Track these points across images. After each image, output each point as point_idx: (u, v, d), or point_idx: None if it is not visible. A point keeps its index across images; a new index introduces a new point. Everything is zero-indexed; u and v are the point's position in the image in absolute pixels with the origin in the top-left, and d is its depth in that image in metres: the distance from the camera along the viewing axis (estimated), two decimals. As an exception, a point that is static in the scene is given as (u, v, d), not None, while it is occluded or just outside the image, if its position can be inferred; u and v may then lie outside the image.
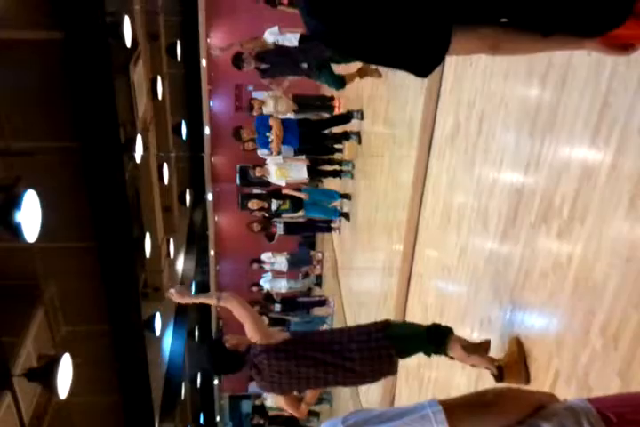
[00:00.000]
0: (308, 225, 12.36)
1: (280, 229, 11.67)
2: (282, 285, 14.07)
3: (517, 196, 3.91)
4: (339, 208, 11.30)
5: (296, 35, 9.72)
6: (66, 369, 5.92)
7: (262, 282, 14.15)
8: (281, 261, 13.96)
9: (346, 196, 10.95)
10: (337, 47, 1.43)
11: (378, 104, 8.67)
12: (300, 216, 11.47)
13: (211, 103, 17.10)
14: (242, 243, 16.84)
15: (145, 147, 9.19)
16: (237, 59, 8.46)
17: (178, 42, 12.89)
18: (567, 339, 3.20)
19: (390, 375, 4.13)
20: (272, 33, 9.82)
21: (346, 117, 9.79)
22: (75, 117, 6.12)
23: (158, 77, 10.66)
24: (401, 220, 6.97)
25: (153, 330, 9.91)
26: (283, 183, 10.45)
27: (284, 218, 11.61)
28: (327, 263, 14.63)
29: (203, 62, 15.88)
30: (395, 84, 7.74)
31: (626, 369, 2.67)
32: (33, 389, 6.12)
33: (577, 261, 3.14)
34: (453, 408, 1.47)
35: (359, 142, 9.84)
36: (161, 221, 11.45)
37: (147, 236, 10.22)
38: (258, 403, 15.91)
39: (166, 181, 11.75)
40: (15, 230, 4.81)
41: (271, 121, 9.35)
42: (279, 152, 9.62)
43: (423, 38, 1.36)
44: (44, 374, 5.81)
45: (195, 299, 4.18)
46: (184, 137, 13.63)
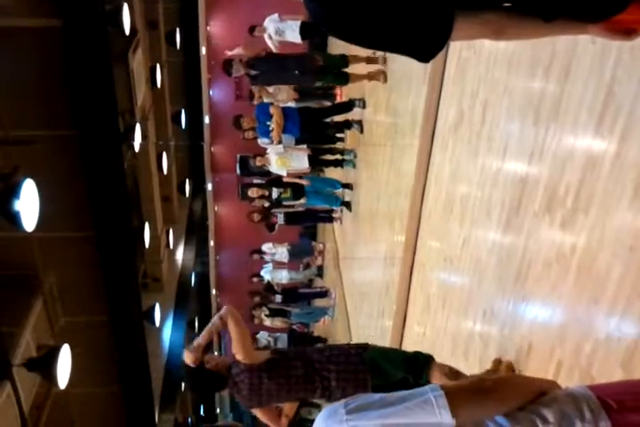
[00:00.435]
0: (309, 215, 12.33)
1: (280, 218, 11.64)
2: (283, 275, 14.06)
3: (521, 185, 3.88)
4: (340, 197, 11.26)
5: (297, 22, 9.66)
6: (65, 359, 5.91)
7: (263, 273, 14.14)
8: (282, 251, 13.95)
9: (347, 185, 10.91)
10: (337, 31, 1.40)
11: (380, 93, 8.62)
12: (301, 205, 11.42)
13: (210, 92, 17.04)
14: (242, 233, 16.82)
15: (144, 136, 9.15)
16: (227, 64, 8.58)
17: (177, 30, 12.83)
18: (570, 329, 3.18)
19: None
20: (272, 20, 9.76)
21: (347, 106, 9.74)
22: (73, 106, 6.08)
23: (157, 66, 10.61)
24: (403, 210, 6.94)
25: (153, 321, 9.91)
26: (284, 173, 10.40)
27: (285, 208, 11.57)
28: (328, 254, 14.62)
29: (202, 50, 15.80)
30: (397, 72, 7.68)
31: (629, 359, 2.65)
32: (32, 379, 6.12)
33: (580, 250, 3.11)
34: (455, 393, 1.47)
35: (361, 131, 9.79)
36: (160, 211, 11.42)
37: (146, 226, 10.19)
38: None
39: (165, 171, 11.71)
40: (14, 219, 4.79)
41: (272, 109, 9.30)
42: (280, 141, 9.57)
43: (425, 23, 1.33)
44: (44, 364, 5.80)
45: (205, 337, 4.17)
46: (183, 126, 13.59)
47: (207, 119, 16.67)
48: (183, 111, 13.36)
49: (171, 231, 12.57)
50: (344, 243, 12.30)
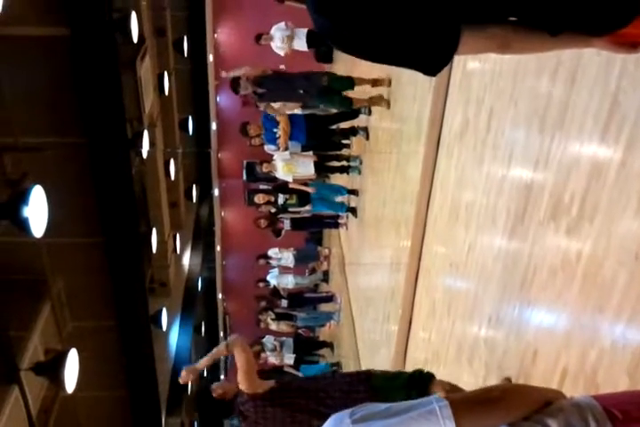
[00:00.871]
0: (316, 221, 12.35)
1: (287, 224, 11.66)
2: (288, 280, 14.07)
3: (526, 193, 3.90)
4: (346, 203, 11.28)
5: (304, 30, 9.72)
6: (73, 364, 5.94)
7: (269, 278, 14.16)
8: (287, 256, 13.96)
9: (353, 191, 10.92)
10: (343, 45, 1.42)
11: (387, 95, 8.66)
12: (307, 211, 11.45)
13: (217, 98, 17.09)
14: (248, 238, 16.84)
15: (151, 142, 9.19)
16: (235, 83, 8.71)
17: (185, 37, 12.89)
18: (575, 336, 3.19)
19: None
20: (279, 29, 9.83)
21: (353, 113, 9.77)
22: (82, 113, 6.12)
23: (165, 73, 10.66)
24: (409, 216, 6.96)
25: (160, 325, 9.94)
26: (290, 179, 10.43)
27: (291, 214, 11.59)
28: (334, 259, 14.63)
29: (210, 57, 15.86)
30: (403, 80, 7.71)
31: (634, 368, 2.66)
32: (40, 383, 6.14)
33: (586, 258, 3.13)
34: (460, 404, 1.47)
35: (367, 138, 9.82)
36: (167, 216, 11.46)
37: (153, 231, 10.23)
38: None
39: (173, 177, 11.76)
40: (23, 225, 4.82)
41: (278, 117, 9.34)
42: (286, 148, 9.61)
43: (432, 37, 1.35)
44: (51, 368, 5.83)
45: (206, 362, 4.25)
46: (191, 132, 13.63)
47: (214, 126, 16.72)
48: (190, 118, 13.41)
49: (178, 236, 12.61)
50: (350, 248, 12.31)
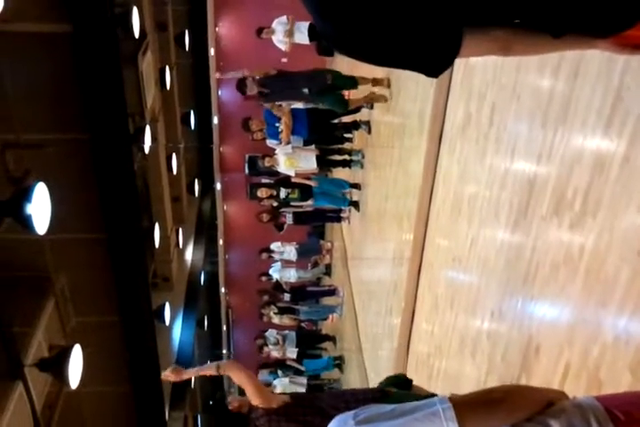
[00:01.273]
0: (318, 215, 12.35)
1: (289, 218, 11.66)
2: (291, 274, 14.09)
3: (529, 187, 3.90)
4: (348, 197, 11.28)
5: (305, 24, 9.68)
6: (77, 360, 5.95)
7: (271, 271, 14.17)
8: (290, 250, 13.97)
9: (355, 185, 10.92)
10: (346, 49, 1.42)
11: (388, 94, 8.65)
12: (309, 205, 11.45)
13: (219, 92, 17.07)
14: (251, 232, 16.86)
15: (153, 137, 9.19)
16: (242, 84, 8.87)
17: (186, 31, 12.86)
18: (578, 332, 3.19)
19: None
20: (280, 22, 9.80)
21: (356, 107, 9.75)
22: (84, 109, 6.12)
23: (167, 67, 10.65)
24: (411, 210, 6.96)
25: (163, 320, 9.96)
26: (292, 173, 10.42)
27: (293, 208, 11.60)
28: (336, 253, 14.64)
29: (211, 51, 15.83)
30: (405, 74, 7.70)
31: (637, 364, 2.66)
32: (44, 379, 6.16)
33: (588, 253, 3.13)
34: (463, 405, 1.47)
35: (369, 132, 9.81)
36: (170, 211, 11.47)
37: (156, 226, 10.24)
38: (268, 391, 15.97)
39: (175, 172, 11.75)
40: (26, 223, 4.83)
41: (280, 111, 9.33)
42: (288, 142, 9.60)
43: (434, 40, 1.35)
44: (55, 364, 5.85)
45: (193, 373, 4.27)
46: (192, 127, 13.62)
47: (216, 120, 16.71)
48: (192, 112, 13.39)
49: (180, 231, 12.61)
50: (352, 242, 12.32)
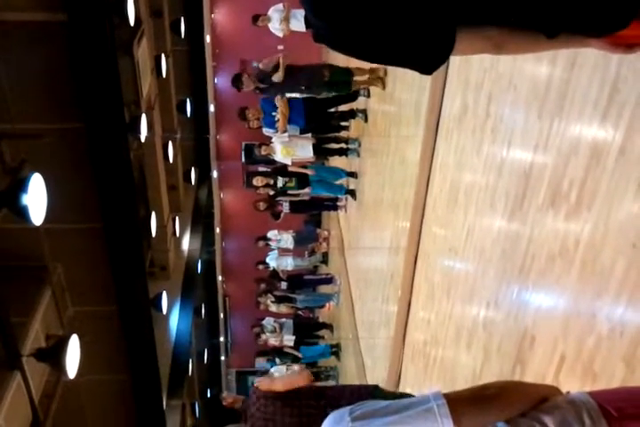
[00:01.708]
0: (315, 203, 12.35)
1: (286, 207, 11.66)
2: (288, 262, 14.10)
3: (525, 178, 3.90)
4: (345, 185, 11.27)
5: (301, 11, 9.63)
6: (74, 349, 5.96)
7: (268, 260, 14.19)
8: (287, 238, 13.97)
9: (352, 174, 10.92)
10: (340, 46, 1.42)
11: (385, 83, 8.63)
12: (306, 194, 11.45)
13: (215, 80, 16.99)
14: (247, 221, 16.86)
15: (149, 126, 9.15)
16: (237, 80, 8.83)
17: (182, 18, 12.76)
18: (573, 323, 3.21)
19: None
20: (276, 10, 9.75)
21: (352, 95, 9.73)
22: (79, 98, 6.09)
23: (162, 55, 10.58)
24: (408, 199, 6.97)
25: (160, 308, 9.97)
26: (288, 162, 10.40)
27: (290, 196, 11.60)
28: (333, 241, 14.66)
29: (207, 39, 15.74)
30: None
31: (631, 356, 2.68)
32: (42, 368, 6.18)
33: (584, 245, 3.14)
34: (457, 402, 1.49)
35: (365, 120, 9.79)
36: (167, 199, 11.45)
37: (152, 215, 10.23)
38: (264, 379, 16.04)
39: (171, 160, 11.72)
40: (22, 213, 4.82)
41: (277, 100, 9.30)
42: (285, 131, 9.58)
43: (428, 38, 1.35)
44: (53, 354, 5.86)
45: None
46: (189, 115, 13.57)
47: (212, 107, 16.65)
48: (188, 100, 13.33)
49: (177, 219, 12.61)
50: (349, 231, 12.33)
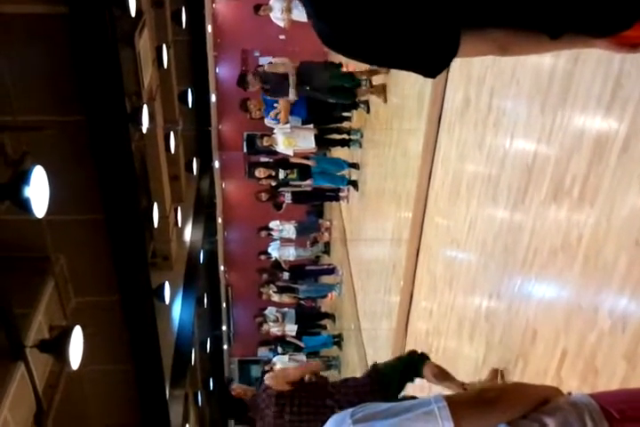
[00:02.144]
0: (317, 194, 12.33)
1: (288, 198, 11.66)
2: (290, 253, 14.11)
3: (527, 172, 3.90)
4: (347, 176, 11.26)
5: None
6: (77, 341, 5.97)
7: (270, 250, 14.19)
8: (289, 228, 13.98)
9: (354, 165, 10.90)
10: (343, 50, 1.41)
11: (387, 74, 8.60)
12: (308, 185, 11.44)
13: (217, 70, 16.93)
14: (249, 211, 16.86)
15: (151, 116, 9.12)
16: (242, 80, 8.93)
17: (183, 8, 12.69)
18: (575, 318, 3.22)
19: None
20: (277, 0, 9.70)
21: (352, 105, 9.72)
22: (81, 90, 6.06)
23: (164, 46, 10.53)
24: (410, 190, 6.96)
25: (162, 298, 9.97)
26: (290, 153, 10.39)
27: (292, 187, 11.59)
28: (335, 232, 14.67)
29: (208, 28, 15.66)
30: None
31: (632, 352, 2.69)
32: (46, 359, 6.19)
33: (587, 240, 3.14)
34: (458, 404, 1.49)
35: (367, 112, 9.76)
36: (168, 190, 11.42)
37: (155, 206, 10.22)
38: (267, 368, 16.12)
39: (173, 150, 11.69)
40: (24, 206, 4.82)
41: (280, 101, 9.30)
42: (286, 122, 9.57)
43: (432, 41, 1.34)
44: (56, 345, 5.87)
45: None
46: (190, 105, 13.52)
47: (214, 97, 16.60)
48: (190, 90, 13.28)
49: (179, 210, 12.58)
50: (350, 221, 12.33)
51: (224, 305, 19.35)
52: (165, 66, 10.55)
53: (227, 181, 18.72)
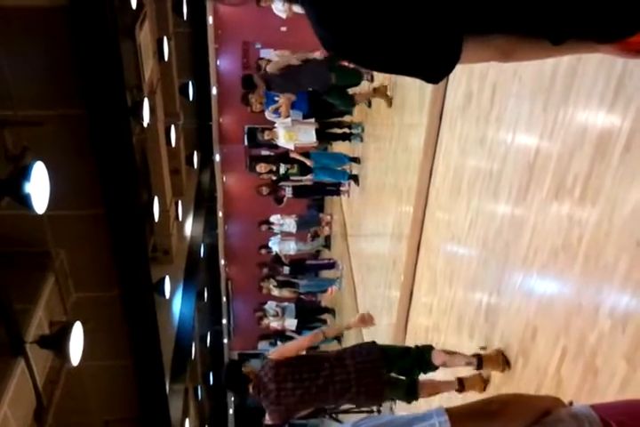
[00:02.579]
0: (317, 188, 12.31)
1: (289, 192, 11.65)
2: (290, 247, 14.11)
3: (529, 170, 3.88)
4: (348, 171, 11.24)
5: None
6: (77, 337, 5.97)
7: (271, 244, 14.19)
8: (289, 222, 13.98)
9: (355, 159, 10.88)
10: (345, 56, 1.40)
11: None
12: (309, 180, 11.42)
13: (218, 62, 16.88)
14: (250, 205, 16.85)
15: (152, 110, 9.10)
16: (249, 81, 9.14)
17: (184, 0, 12.64)
18: (575, 318, 3.20)
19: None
20: (279, -9, 9.64)
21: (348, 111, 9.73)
22: (81, 84, 6.04)
23: (164, 38, 10.49)
24: (411, 185, 6.95)
25: (163, 293, 9.98)
26: (291, 147, 10.36)
27: (293, 182, 11.57)
28: (336, 226, 14.66)
29: (209, 20, 15.60)
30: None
31: (633, 353, 2.68)
32: (46, 355, 6.19)
33: (588, 240, 3.13)
34: (459, 418, 1.49)
35: (369, 106, 9.72)
36: (169, 184, 11.41)
37: (155, 200, 10.21)
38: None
39: (174, 144, 11.67)
40: (25, 202, 4.80)
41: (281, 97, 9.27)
42: (288, 116, 9.53)
43: (434, 48, 1.33)
44: (57, 341, 5.86)
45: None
46: (191, 98, 13.49)
47: (214, 90, 16.55)
48: (190, 83, 13.24)
49: (180, 203, 12.58)
50: (351, 215, 12.32)
51: (224, 299, 19.36)
52: (166, 58, 10.52)
53: (227, 175, 18.70)
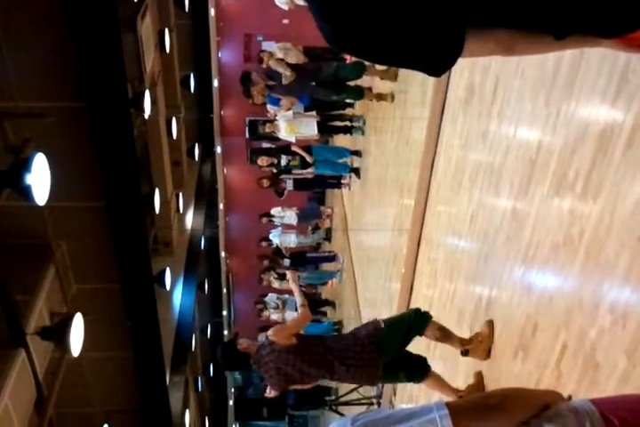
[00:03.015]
0: (318, 181, 12.31)
1: (290, 185, 11.64)
2: (291, 239, 14.12)
3: (530, 165, 3.87)
4: (349, 164, 11.23)
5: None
6: (78, 327, 6.00)
7: (272, 236, 14.20)
8: (290, 215, 13.98)
9: (356, 152, 10.87)
10: (348, 49, 1.41)
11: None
12: (310, 172, 11.42)
13: (219, 54, 16.83)
14: (251, 197, 16.84)
15: (153, 102, 9.08)
16: (246, 78, 8.95)
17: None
18: (576, 313, 3.21)
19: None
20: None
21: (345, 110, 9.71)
22: (82, 76, 6.02)
23: (166, 30, 10.46)
24: (412, 179, 6.94)
25: (163, 285, 10.00)
26: (292, 139, 10.35)
27: (294, 174, 11.56)
28: (336, 219, 14.66)
29: (211, 12, 15.55)
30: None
31: (633, 349, 2.68)
32: (46, 346, 6.22)
33: (589, 236, 3.12)
34: (460, 412, 1.49)
35: (370, 99, 9.70)
36: (170, 176, 11.40)
37: (156, 191, 10.21)
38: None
39: (175, 136, 11.65)
40: (25, 193, 4.81)
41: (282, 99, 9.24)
42: (289, 108, 9.52)
43: (437, 41, 1.33)
44: (57, 332, 5.89)
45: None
46: (192, 90, 13.46)
47: (216, 82, 16.50)
48: (192, 75, 13.21)
49: (180, 195, 12.57)
50: (352, 208, 12.32)
51: (225, 291, 19.38)
52: (168, 50, 10.50)
53: (228, 167, 18.68)
